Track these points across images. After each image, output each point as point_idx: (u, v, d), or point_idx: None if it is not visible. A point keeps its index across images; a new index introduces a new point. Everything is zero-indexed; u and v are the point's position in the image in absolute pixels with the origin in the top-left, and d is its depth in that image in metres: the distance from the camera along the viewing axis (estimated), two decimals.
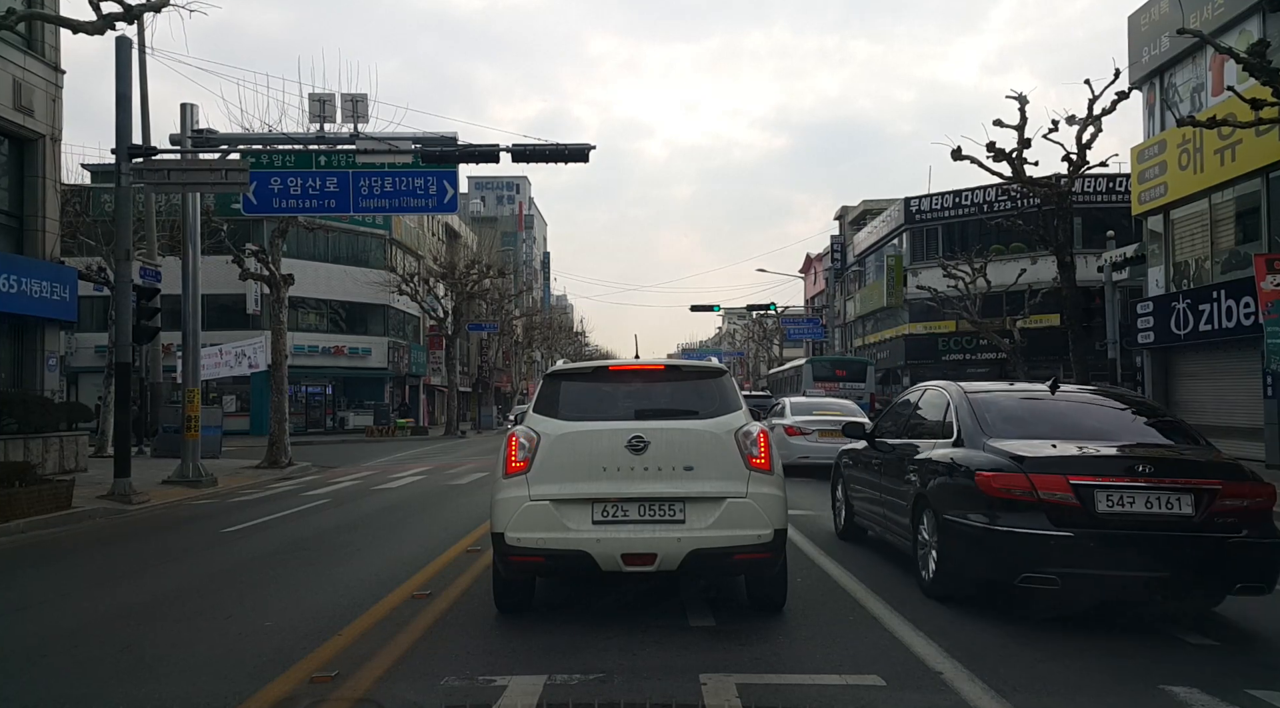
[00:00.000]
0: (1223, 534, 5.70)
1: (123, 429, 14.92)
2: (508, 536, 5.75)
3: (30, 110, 17.19)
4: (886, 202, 51.59)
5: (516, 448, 5.93)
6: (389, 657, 5.22)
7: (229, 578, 8.03)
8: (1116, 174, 34.93)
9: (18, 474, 11.74)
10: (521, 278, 72.78)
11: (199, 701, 4.59)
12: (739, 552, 5.70)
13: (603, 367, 6.57)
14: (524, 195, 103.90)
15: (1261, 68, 13.30)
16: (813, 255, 70.54)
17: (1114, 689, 4.74)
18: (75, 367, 34.32)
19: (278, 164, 17.49)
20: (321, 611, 6.45)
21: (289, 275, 22.78)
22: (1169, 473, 5.84)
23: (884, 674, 4.85)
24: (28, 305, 16.60)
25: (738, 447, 5.86)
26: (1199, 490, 5.75)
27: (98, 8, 13.49)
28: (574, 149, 15.76)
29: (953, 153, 19.39)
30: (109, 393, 21.76)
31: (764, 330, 67.96)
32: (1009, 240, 36.91)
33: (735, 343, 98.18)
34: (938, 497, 6.64)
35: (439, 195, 17.65)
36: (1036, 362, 35.48)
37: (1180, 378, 22.10)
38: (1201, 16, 19.46)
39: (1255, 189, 19.23)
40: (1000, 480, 5.97)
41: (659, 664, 5.07)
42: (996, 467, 6.07)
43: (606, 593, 6.55)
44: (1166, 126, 21.96)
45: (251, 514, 12.53)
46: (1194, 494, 5.74)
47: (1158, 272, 22.82)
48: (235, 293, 35.85)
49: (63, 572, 8.76)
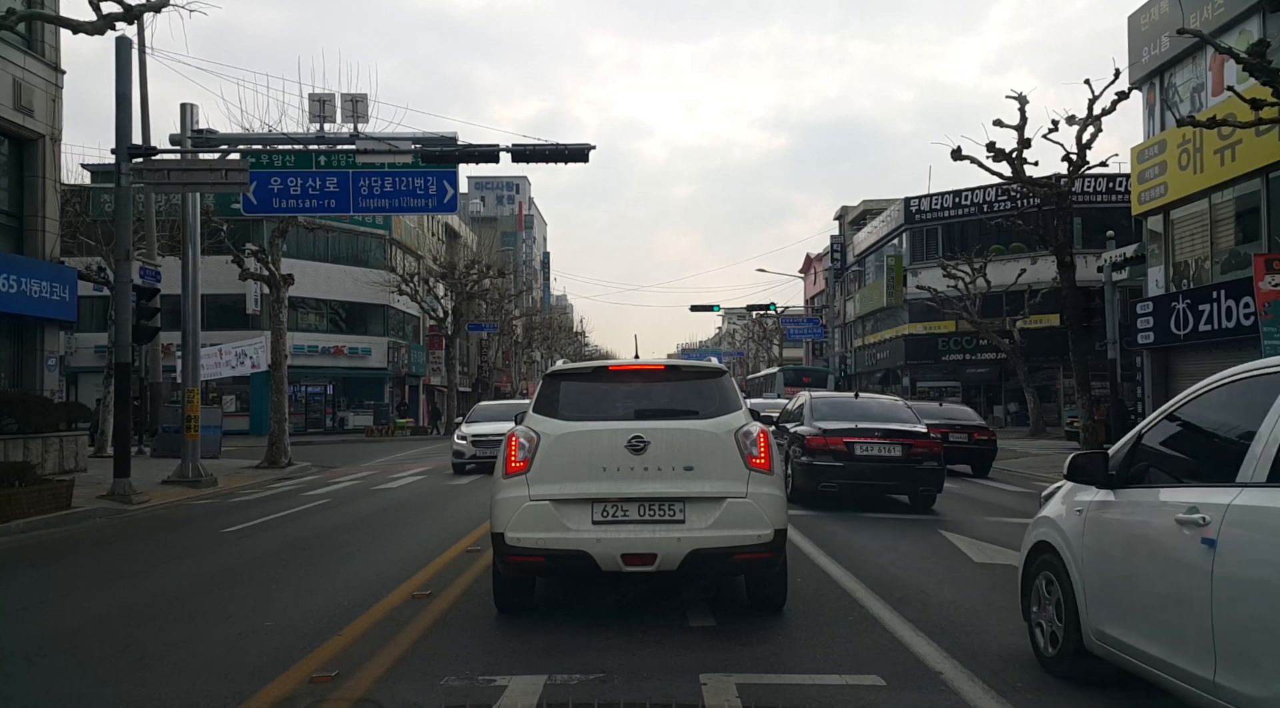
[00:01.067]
0: (914, 464, 11.93)
1: (123, 429, 14.92)
2: (508, 535, 5.74)
3: (30, 110, 17.19)
4: (886, 202, 51.59)
5: (516, 448, 5.93)
6: (389, 657, 5.21)
7: (229, 578, 8.03)
8: (1116, 174, 34.92)
9: (18, 474, 11.74)
10: (521, 278, 72.76)
11: (199, 701, 4.59)
12: (739, 552, 5.70)
13: (602, 367, 6.57)
14: (524, 195, 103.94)
15: (1261, 68, 13.31)
16: (813, 255, 70.54)
17: (1114, 689, 4.74)
18: (75, 367, 34.29)
19: (278, 164, 17.49)
20: (321, 610, 6.45)
21: (289, 275, 22.77)
22: (889, 436, 12.03)
23: (884, 674, 4.85)
24: (27, 305, 16.60)
25: (738, 447, 5.86)
26: (903, 443, 11.95)
27: (98, 8, 13.49)
28: (574, 149, 15.76)
29: (953, 153, 19.41)
30: (109, 393, 21.76)
31: (764, 330, 67.97)
32: (1009, 240, 36.92)
33: (735, 343, 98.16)
34: (793, 449, 12.43)
35: (439, 195, 17.65)
36: (1036, 362, 35.51)
37: (1180, 378, 22.09)
38: (1201, 16, 19.47)
39: (1255, 189, 19.23)
40: (815, 441, 12.00)
41: (659, 664, 5.07)
42: (814, 433, 12.10)
43: (606, 593, 6.55)
44: (1166, 127, 21.96)
45: (251, 514, 12.53)
46: (901, 445, 11.92)
47: (1157, 272, 22.83)
48: (235, 293, 35.84)
49: (63, 572, 8.76)
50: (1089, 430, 18.72)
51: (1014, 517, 11.69)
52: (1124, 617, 4.23)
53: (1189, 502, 3.76)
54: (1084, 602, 4.55)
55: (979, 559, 8.43)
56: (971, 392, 41.77)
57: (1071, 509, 4.77)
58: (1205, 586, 3.54)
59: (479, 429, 18.62)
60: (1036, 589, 5.09)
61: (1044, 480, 17.78)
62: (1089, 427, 18.73)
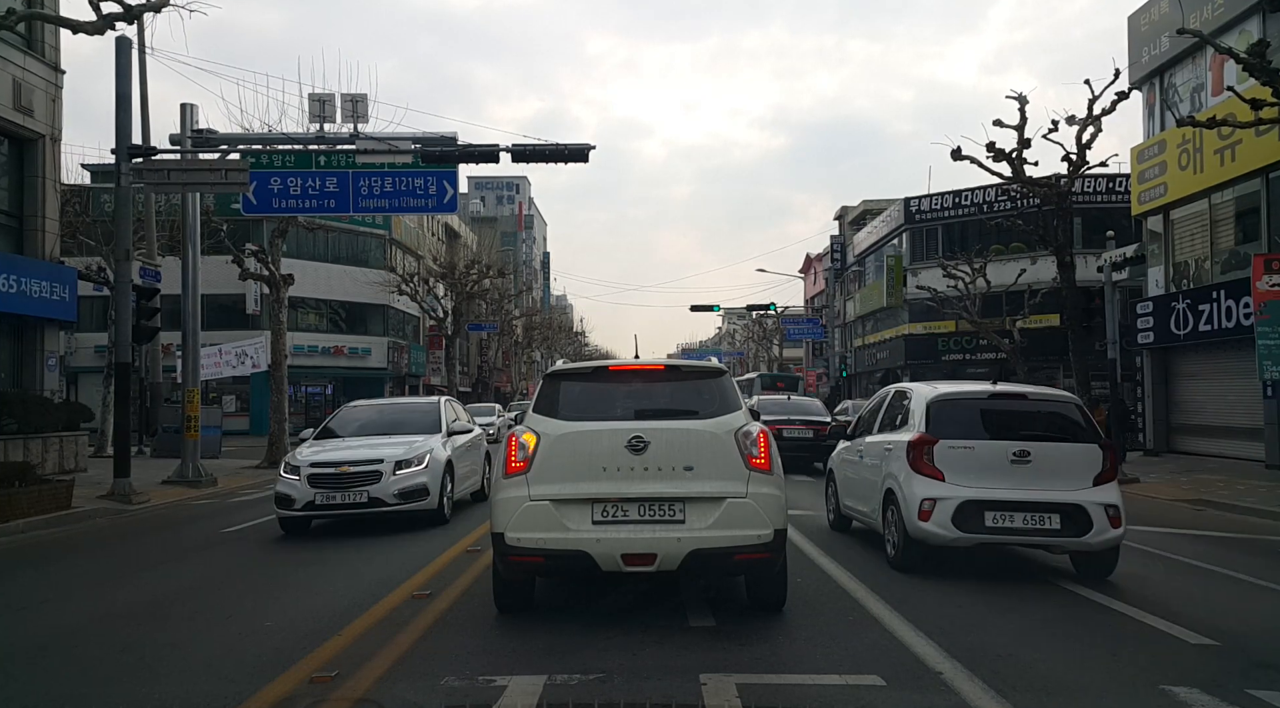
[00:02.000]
0: (820, 441, 17.53)
1: (123, 429, 14.91)
2: (508, 535, 5.74)
3: (30, 110, 17.19)
4: (886, 202, 51.56)
5: (516, 448, 5.93)
6: (389, 657, 5.22)
7: (229, 578, 8.04)
8: (1116, 174, 34.87)
9: (18, 474, 11.73)
10: (521, 278, 72.75)
11: (199, 701, 4.59)
12: (739, 552, 5.70)
13: (602, 367, 6.57)
14: (524, 195, 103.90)
15: (1261, 68, 13.29)
16: (812, 255, 70.51)
17: (1114, 689, 4.74)
18: (75, 367, 34.25)
19: (278, 164, 17.48)
20: (321, 610, 6.46)
21: (289, 275, 22.76)
22: (803, 424, 18.97)
23: (884, 674, 4.85)
24: (28, 305, 16.60)
25: (737, 447, 5.86)
26: (814, 429, 18.77)
27: (98, 8, 13.49)
28: (574, 149, 15.75)
29: (952, 153, 19.37)
30: (109, 393, 21.76)
31: (764, 330, 67.87)
32: (1009, 240, 36.91)
33: (735, 343, 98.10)
34: None
35: (439, 195, 17.64)
36: (1036, 362, 35.47)
37: (1180, 378, 22.10)
38: (1201, 16, 19.46)
39: (1255, 189, 19.23)
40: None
41: (659, 664, 5.07)
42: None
43: (606, 593, 6.55)
44: (1166, 127, 21.96)
45: (251, 514, 12.52)
46: (813, 429, 18.74)
47: (1157, 272, 22.82)
48: (235, 293, 35.83)
49: (63, 572, 8.76)
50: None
51: None
52: (848, 493, 9.81)
53: (864, 441, 9.38)
54: (838, 490, 10.23)
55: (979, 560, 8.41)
56: None
57: (838, 451, 10.60)
58: (862, 473, 9.19)
59: (327, 456, 10.63)
60: (828, 490, 10.71)
61: None
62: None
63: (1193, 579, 7.87)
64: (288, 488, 10.31)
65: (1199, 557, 8.85)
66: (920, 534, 7.54)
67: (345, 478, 10.25)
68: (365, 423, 12.05)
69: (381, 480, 10.24)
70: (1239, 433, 19.44)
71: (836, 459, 10.44)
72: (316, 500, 10.17)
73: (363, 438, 11.43)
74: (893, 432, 8.51)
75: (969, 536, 7.39)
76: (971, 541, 7.42)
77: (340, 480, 10.24)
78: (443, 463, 10.93)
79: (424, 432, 11.51)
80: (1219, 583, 7.70)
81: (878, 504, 8.40)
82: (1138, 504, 13.88)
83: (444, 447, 11.24)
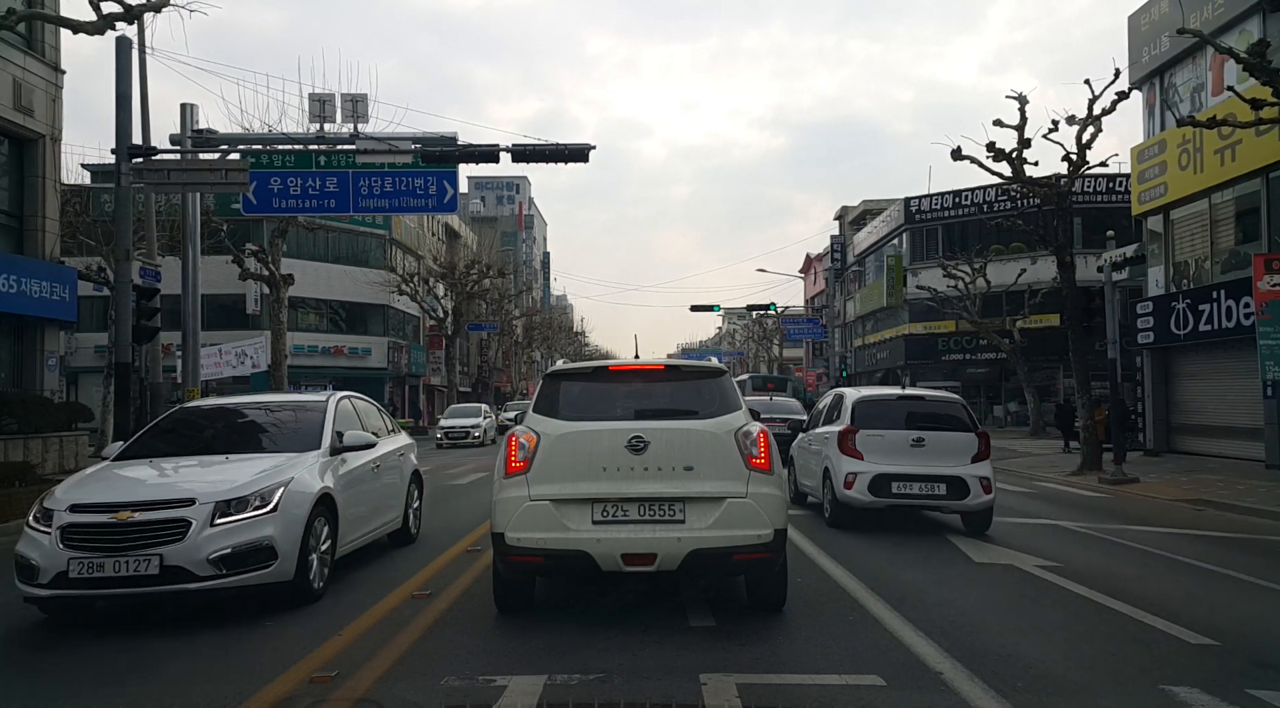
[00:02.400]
0: (784, 433, 14.68)
1: (122, 429, 14.89)
2: (508, 535, 5.74)
3: (30, 110, 17.19)
4: (886, 202, 51.57)
5: (516, 448, 5.92)
6: (389, 657, 5.21)
7: None
8: (1116, 174, 34.90)
9: (18, 474, 11.75)
10: (521, 278, 72.77)
11: (199, 701, 4.59)
12: (739, 552, 5.70)
13: (602, 367, 6.56)
14: (524, 195, 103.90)
15: (1261, 68, 13.30)
16: (812, 255, 70.51)
17: (1114, 689, 4.74)
18: (75, 367, 34.25)
19: (278, 164, 17.49)
20: (321, 610, 6.45)
21: (289, 275, 22.81)
22: (781, 421, 17.64)
23: (884, 674, 4.85)
24: (28, 305, 16.60)
25: (737, 447, 5.86)
26: (791, 426, 16.46)
27: (98, 8, 13.48)
28: (574, 149, 15.75)
29: (952, 153, 19.37)
30: (109, 393, 21.75)
31: (764, 330, 67.90)
32: (1009, 240, 36.90)
33: (735, 343, 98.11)
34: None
35: (439, 195, 17.64)
36: (1036, 361, 35.51)
37: (1180, 378, 22.10)
38: (1201, 16, 19.46)
39: (1255, 189, 19.23)
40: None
41: (659, 664, 5.07)
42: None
43: (606, 593, 6.55)
44: (1166, 126, 21.96)
45: None
46: (790, 427, 16.48)
47: (1158, 272, 22.82)
48: (235, 293, 35.84)
49: None
50: (1089, 430, 18.69)
51: (1015, 517, 11.69)
52: (803, 473, 11.98)
53: (814, 432, 11.64)
54: (796, 473, 12.28)
55: (979, 559, 8.43)
56: (971, 392, 41.73)
57: (797, 440, 12.82)
58: (809, 457, 11.73)
59: (99, 493, 6.45)
60: (789, 473, 12.05)
61: (1044, 480, 17.79)
62: (1089, 426, 18.70)
63: (1193, 579, 7.86)
64: (30, 548, 6.13)
65: (1199, 557, 8.84)
66: (845, 499, 9.99)
67: (123, 532, 5.96)
68: (205, 433, 7.98)
69: (187, 536, 6.00)
70: (1239, 433, 19.44)
71: (795, 447, 12.90)
72: (71, 571, 5.89)
73: (185, 459, 7.19)
74: (831, 425, 10.90)
75: (881, 499, 9.85)
76: (882, 503, 9.86)
77: (114, 537, 5.96)
78: (309, 501, 6.70)
79: (292, 449, 7.32)
80: (1219, 583, 7.70)
81: (820, 479, 10.92)
82: (1138, 504, 13.90)
83: (318, 474, 7.08)
